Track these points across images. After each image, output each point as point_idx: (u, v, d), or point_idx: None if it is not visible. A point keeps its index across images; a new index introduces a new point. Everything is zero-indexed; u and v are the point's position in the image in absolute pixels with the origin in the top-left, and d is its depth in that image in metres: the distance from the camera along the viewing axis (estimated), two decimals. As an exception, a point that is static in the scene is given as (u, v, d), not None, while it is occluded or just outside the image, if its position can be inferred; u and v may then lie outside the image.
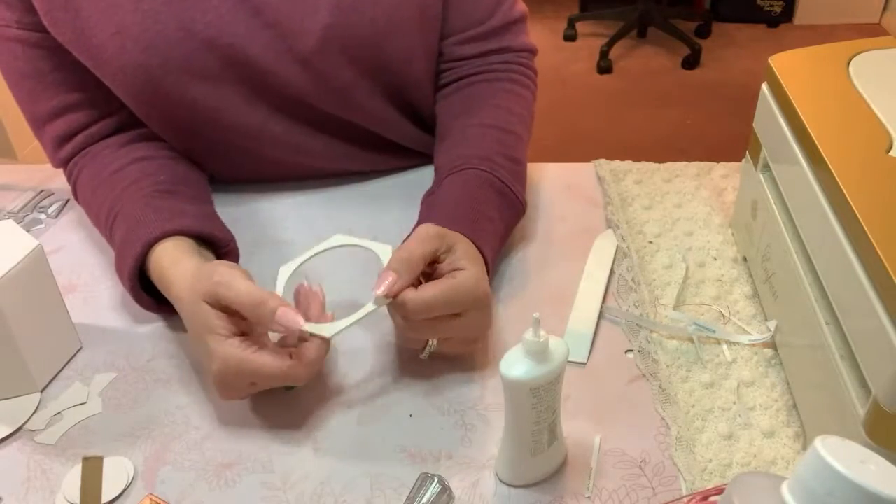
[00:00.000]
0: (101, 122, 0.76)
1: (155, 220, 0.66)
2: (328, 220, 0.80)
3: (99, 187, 0.73)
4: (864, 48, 0.65)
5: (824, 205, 0.52)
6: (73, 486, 0.53)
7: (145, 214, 0.67)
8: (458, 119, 0.78)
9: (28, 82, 0.73)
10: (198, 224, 0.68)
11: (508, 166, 0.72)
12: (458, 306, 0.57)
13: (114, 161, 0.74)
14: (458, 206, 0.67)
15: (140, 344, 0.67)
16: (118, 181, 0.72)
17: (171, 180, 0.73)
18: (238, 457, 0.57)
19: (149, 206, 0.68)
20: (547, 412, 0.50)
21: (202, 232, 0.68)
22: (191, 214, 0.69)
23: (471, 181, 0.70)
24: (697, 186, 0.83)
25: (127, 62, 0.69)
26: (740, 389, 0.60)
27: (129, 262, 0.64)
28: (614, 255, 0.74)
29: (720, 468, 0.55)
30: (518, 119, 0.78)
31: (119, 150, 0.75)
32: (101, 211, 0.72)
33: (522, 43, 0.83)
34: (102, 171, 0.73)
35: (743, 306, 0.68)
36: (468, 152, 0.73)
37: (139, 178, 0.72)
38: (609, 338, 0.66)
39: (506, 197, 0.71)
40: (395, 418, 0.59)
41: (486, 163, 0.71)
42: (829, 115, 0.57)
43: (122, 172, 0.73)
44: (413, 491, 0.52)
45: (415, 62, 0.78)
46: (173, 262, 0.63)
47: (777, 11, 3.35)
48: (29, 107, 0.75)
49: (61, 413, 0.61)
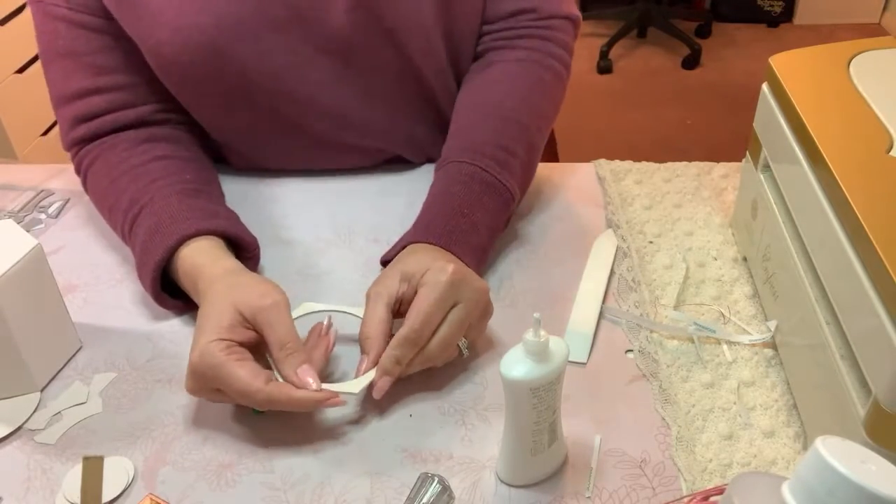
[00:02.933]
0: (123, 111, 0.76)
1: (190, 217, 0.67)
2: (331, 219, 0.80)
3: (118, 179, 0.73)
4: (864, 48, 0.65)
5: (824, 205, 0.52)
6: (74, 486, 0.53)
7: (179, 211, 0.68)
8: (460, 106, 0.78)
9: (64, 61, 0.74)
10: (231, 227, 0.69)
11: (496, 155, 0.71)
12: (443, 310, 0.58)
13: (133, 156, 0.74)
14: (431, 211, 0.68)
15: (140, 344, 0.67)
16: (141, 176, 0.72)
17: (197, 180, 0.74)
18: (238, 457, 0.57)
19: (182, 203, 0.69)
20: (547, 412, 0.50)
21: (234, 234, 0.69)
22: (223, 216, 0.70)
23: (452, 176, 0.70)
24: (697, 186, 0.83)
25: (184, 23, 0.69)
26: (740, 389, 0.60)
27: (159, 254, 0.65)
28: (614, 255, 0.74)
29: (720, 468, 0.55)
30: (524, 104, 0.76)
31: (137, 146, 0.75)
32: (118, 202, 0.72)
33: (554, 9, 0.78)
34: (121, 164, 0.74)
35: (743, 306, 0.68)
36: (456, 144, 0.73)
37: (165, 176, 0.72)
38: (609, 338, 0.66)
39: (490, 187, 0.70)
40: (395, 418, 0.59)
41: (467, 154, 0.71)
42: (830, 115, 0.57)
43: (144, 168, 0.73)
44: (413, 491, 0.52)
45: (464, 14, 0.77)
46: (212, 259, 0.64)
47: (777, 11, 3.35)
48: (58, 85, 0.76)
49: (61, 413, 0.61)
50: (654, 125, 2.70)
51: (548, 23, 0.79)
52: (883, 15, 3.34)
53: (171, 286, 0.68)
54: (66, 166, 0.92)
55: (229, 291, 0.58)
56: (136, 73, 0.75)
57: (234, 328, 0.56)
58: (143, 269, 0.67)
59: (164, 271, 0.67)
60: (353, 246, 0.76)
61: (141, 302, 0.71)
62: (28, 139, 1.96)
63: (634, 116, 2.76)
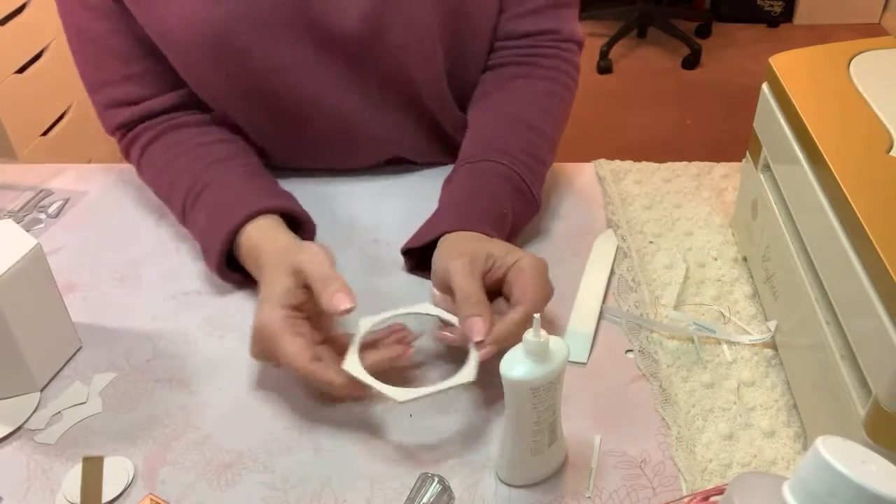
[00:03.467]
0: (160, 97, 0.77)
1: (254, 195, 0.71)
2: (331, 219, 0.80)
3: (181, 156, 0.75)
4: (864, 48, 0.65)
5: (824, 205, 0.52)
6: (74, 486, 0.53)
7: (243, 190, 0.72)
8: (489, 111, 0.79)
9: (94, 46, 0.75)
10: (290, 205, 0.72)
11: (529, 163, 0.74)
12: (542, 301, 0.59)
13: (198, 136, 0.77)
14: (477, 203, 0.70)
15: (140, 344, 0.67)
16: (204, 155, 0.75)
17: (255, 163, 0.78)
18: (238, 457, 0.57)
19: (245, 182, 0.73)
20: (547, 412, 0.50)
21: (294, 212, 0.72)
22: (284, 196, 0.74)
23: (489, 175, 0.72)
24: (697, 186, 0.83)
25: (192, 11, 0.70)
26: (740, 389, 0.60)
27: (226, 229, 0.68)
28: (614, 255, 0.74)
29: (720, 468, 0.55)
30: (551, 121, 0.79)
31: (200, 127, 0.78)
32: (180, 180, 0.74)
33: (571, 31, 0.82)
34: (186, 143, 0.76)
35: (743, 306, 0.68)
36: (491, 144, 0.74)
37: (229, 157, 0.76)
38: (609, 338, 0.66)
39: (522, 194, 0.72)
40: (395, 418, 0.59)
41: (505, 157, 0.73)
42: (830, 115, 0.57)
43: (209, 148, 0.76)
44: (413, 491, 0.52)
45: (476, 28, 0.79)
46: (272, 236, 0.67)
47: (777, 11, 3.35)
48: (91, 71, 0.77)
49: (61, 413, 0.61)
50: (654, 125, 2.70)
51: (566, 45, 0.82)
52: (883, 15, 3.34)
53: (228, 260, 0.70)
54: (66, 166, 0.92)
55: (282, 259, 0.60)
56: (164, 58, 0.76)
57: (289, 292, 0.58)
58: (211, 245, 0.69)
59: None
60: (354, 246, 0.77)
61: (141, 302, 0.71)
62: (28, 139, 1.96)
63: (634, 116, 2.76)
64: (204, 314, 0.70)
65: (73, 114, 2.10)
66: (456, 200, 0.71)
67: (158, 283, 0.73)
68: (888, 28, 3.29)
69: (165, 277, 0.74)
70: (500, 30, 0.81)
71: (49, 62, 2.00)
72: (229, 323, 0.68)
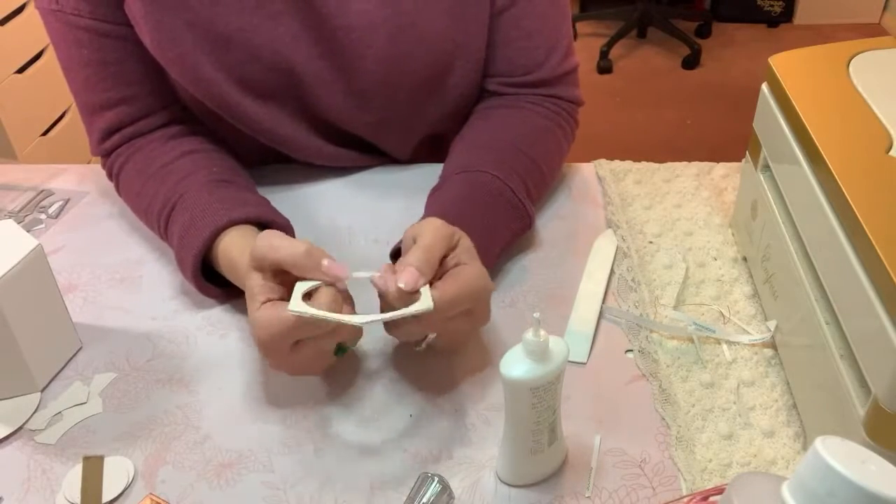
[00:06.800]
0: (152, 117, 0.78)
1: (220, 208, 0.68)
2: (330, 219, 0.80)
3: (150, 179, 0.74)
4: (864, 48, 0.65)
5: (824, 205, 0.52)
6: (74, 486, 0.53)
7: (210, 203, 0.68)
8: (486, 132, 0.78)
9: (88, 70, 0.75)
10: (262, 212, 0.69)
11: (522, 181, 0.73)
12: (471, 302, 0.57)
13: (162, 155, 0.76)
14: (464, 208, 0.68)
15: (140, 344, 0.67)
16: (170, 173, 0.73)
17: (224, 171, 0.75)
18: (238, 457, 0.57)
19: (212, 195, 0.70)
20: (547, 412, 0.50)
21: (265, 219, 0.69)
22: (252, 203, 0.71)
23: (482, 185, 0.71)
24: (697, 186, 0.83)
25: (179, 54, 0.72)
26: (740, 389, 0.60)
27: (196, 246, 0.66)
28: (614, 255, 0.74)
29: (720, 468, 0.55)
30: (548, 161, 0.78)
31: (165, 143, 0.77)
32: (153, 202, 0.73)
33: (572, 95, 0.83)
34: (151, 165, 0.75)
35: (743, 306, 0.68)
36: (487, 157, 0.73)
37: (194, 171, 0.73)
38: (609, 338, 0.66)
39: (515, 209, 0.71)
40: (395, 418, 0.59)
41: (502, 170, 0.72)
42: (829, 115, 0.57)
43: (173, 165, 0.74)
44: (413, 491, 0.52)
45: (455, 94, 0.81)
46: (241, 251, 0.64)
47: (777, 11, 3.35)
48: (84, 95, 0.77)
49: (61, 413, 0.61)
50: (654, 125, 2.70)
51: (568, 106, 0.82)
52: (883, 15, 3.34)
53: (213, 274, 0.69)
54: (66, 166, 0.92)
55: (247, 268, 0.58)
56: (160, 75, 0.76)
57: (265, 287, 0.55)
58: (184, 265, 0.68)
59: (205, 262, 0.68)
60: (354, 246, 0.77)
61: (141, 302, 0.71)
62: (28, 139, 1.96)
63: (634, 116, 2.76)
64: (204, 314, 0.70)
65: (73, 114, 2.10)
66: (448, 203, 0.70)
67: (158, 283, 0.73)
68: (888, 28, 3.30)
69: (165, 277, 0.74)
70: (489, 89, 0.82)
71: (49, 62, 2.00)
72: (229, 323, 0.68)
